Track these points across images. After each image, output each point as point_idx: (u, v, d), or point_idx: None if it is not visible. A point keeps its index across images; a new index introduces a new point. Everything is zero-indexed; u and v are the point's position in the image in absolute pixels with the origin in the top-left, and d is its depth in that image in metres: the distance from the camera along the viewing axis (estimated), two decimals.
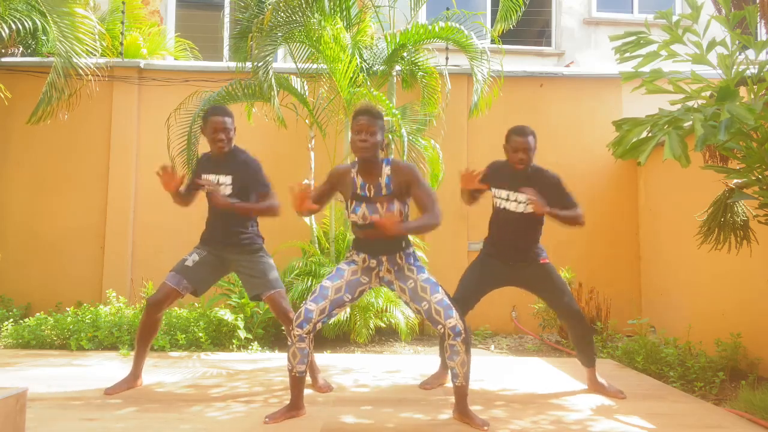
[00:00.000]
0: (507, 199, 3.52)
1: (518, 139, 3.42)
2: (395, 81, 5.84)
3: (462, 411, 2.93)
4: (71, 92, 5.29)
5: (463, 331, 2.78)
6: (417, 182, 2.89)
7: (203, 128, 3.51)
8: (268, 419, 2.87)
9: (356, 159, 2.95)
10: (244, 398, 3.38)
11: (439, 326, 2.78)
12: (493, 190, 3.58)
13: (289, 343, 2.86)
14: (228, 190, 3.48)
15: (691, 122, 2.44)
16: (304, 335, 2.78)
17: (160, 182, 3.40)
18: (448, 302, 2.82)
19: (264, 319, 5.09)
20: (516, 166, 3.44)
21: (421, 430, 2.88)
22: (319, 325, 2.81)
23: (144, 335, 3.51)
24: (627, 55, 2.82)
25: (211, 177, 3.50)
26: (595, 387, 3.66)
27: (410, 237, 3.04)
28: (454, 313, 2.78)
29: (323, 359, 4.68)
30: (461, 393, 2.91)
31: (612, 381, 4.01)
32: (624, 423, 3.04)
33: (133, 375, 3.54)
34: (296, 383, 2.93)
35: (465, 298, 3.47)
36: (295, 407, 2.96)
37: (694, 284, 5.04)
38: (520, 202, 3.47)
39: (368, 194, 2.91)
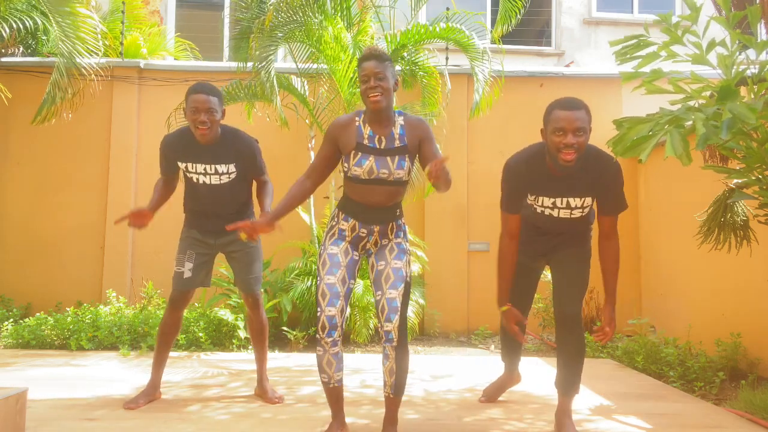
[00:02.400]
0: (554, 207, 2.70)
1: (566, 115, 2.45)
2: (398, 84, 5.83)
3: (386, 421, 2.65)
4: (74, 92, 5.29)
5: (395, 339, 2.49)
6: (431, 139, 2.59)
7: (185, 109, 3.05)
8: None
9: (365, 109, 2.62)
10: (244, 398, 3.38)
11: (380, 325, 2.55)
12: (531, 197, 2.72)
13: (319, 351, 2.53)
14: (226, 179, 3.14)
15: (691, 122, 2.44)
16: (337, 339, 2.52)
17: (128, 225, 3.08)
18: (398, 305, 2.51)
19: None
20: (562, 158, 2.47)
21: (421, 430, 2.87)
22: (344, 324, 2.59)
23: (165, 334, 3.25)
24: (627, 57, 2.82)
25: (207, 167, 3.09)
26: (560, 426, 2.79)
27: (402, 207, 2.73)
28: (395, 319, 2.49)
29: None
30: (389, 403, 2.62)
31: (612, 381, 4.01)
32: (623, 423, 3.04)
33: (153, 385, 3.27)
34: (335, 395, 2.62)
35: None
36: (339, 422, 2.66)
37: (694, 284, 5.03)
38: (575, 208, 2.67)
39: (378, 146, 2.55)
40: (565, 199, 2.65)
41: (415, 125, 2.61)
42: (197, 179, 3.14)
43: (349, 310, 2.69)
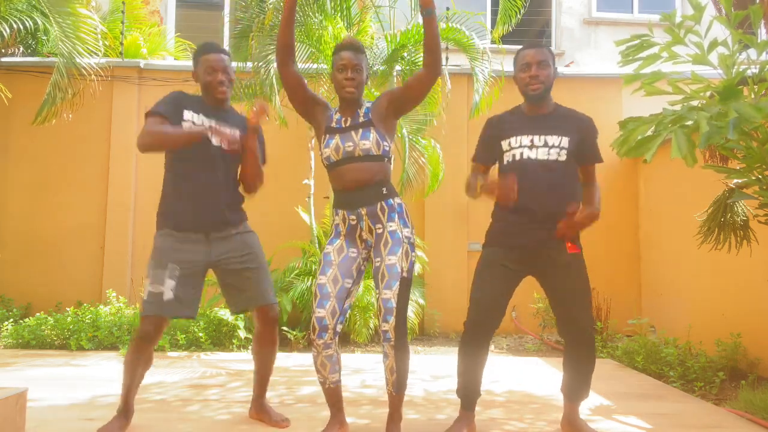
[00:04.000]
0: (532, 146, 2.64)
1: (529, 52, 2.67)
2: (395, 81, 5.84)
3: (389, 420, 2.64)
4: (74, 92, 5.29)
5: (393, 339, 2.46)
6: (392, 91, 2.66)
7: (195, 71, 2.75)
8: None
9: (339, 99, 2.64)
10: (244, 398, 3.37)
11: (379, 323, 2.51)
12: (507, 142, 2.69)
13: (313, 353, 2.56)
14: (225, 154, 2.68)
15: (692, 122, 2.44)
16: (329, 342, 2.52)
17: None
18: (393, 305, 2.45)
19: None
20: (530, 89, 2.65)
21: (421, 430, 2.87)
22: (339, 327, 2.54)
23: (135, 368, 2.68)
24: (630, 58, 2.82)
25: (214, 123, 2.66)
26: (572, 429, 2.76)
27: (393, 188, 2.62)
28: (392, 320, 2.45)
29: None
30: (391, 401, 2.61)
31: (612, 381, 4.01)
32: (624, 423, 3.04)
33: (126, 413, 2.71)
34: (333, 395, 2.63)
35: (483, 321, 2.69)
36: (338, 422, 2.64)
37: (694, 284, 5.03)
38: (553, 147, 2.63)
39: (343, 125, 2.61)
40: (542, 137, 2.65)
41: (377, 101, 2.66)
42: (203, 154, 2.66)
43: (348, 309, 2.63)
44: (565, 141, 2.65)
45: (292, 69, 2.63)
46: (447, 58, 6.29)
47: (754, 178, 3.00)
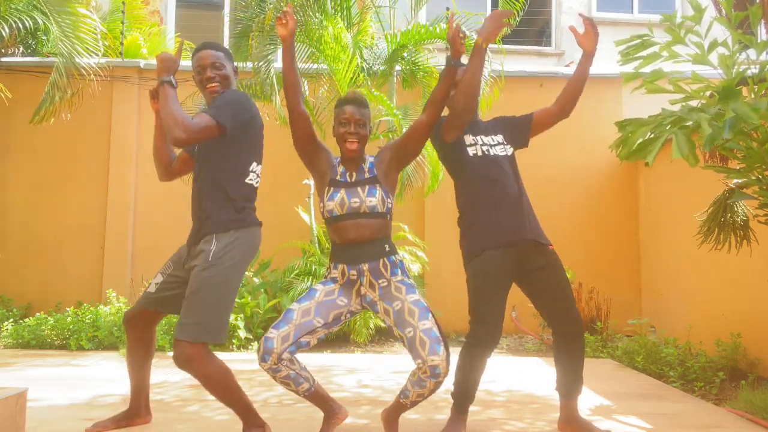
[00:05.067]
0: (493, 144, 2.76)
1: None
2: (396, 81, 5.84)
3: (387, 418, 2.61)
4: (74, 92, 5.29)
5: (442, 375, 2.32)
6: (393, 143, 2.65)
7: (194, 74, 2.59)
8: None
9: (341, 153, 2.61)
10: None
11: (419, 360, 2.31)
12: (471, 137, 2.74)
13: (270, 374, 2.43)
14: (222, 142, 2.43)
15: (692, 122, 2.44)
16: (275, 366, 2.36)
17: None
18: (438, 335, 2.35)
19: (264, 319, 5.10)
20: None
21: (421, 430, 2.87)
22: (286, 355, 2.36)
23: (129, 354, 2.72)
24: (630, 57, 2.82)
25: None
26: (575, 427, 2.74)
27: (394, 245, 2.62)
28: (442, 351, 2.31)
29: (323, 359, 4.68)
30: (399, 406, 2.54)
31: (612, 381, 4.01)
32: (623, 423, 3.04)
33: (132, 411, 2.75)
34: (314, 399, 2.56)
35: (488, 338, 2.64)
36: (332, 414, 2.62)
37: (694, 284, 5.03)
38: (502, 144, 2.78)
39: (348, 180, 2.57)
40: (491, 136, 2.78)
41: (379, 155, 2.64)
42: (195, 162, 2.62)
43: (305, 345, 2.45)
44: (500, 137, 2.81)
45: (304, 109, 2.58)
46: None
47: (754, 178, 3.00)
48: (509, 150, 2.80)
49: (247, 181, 2.51)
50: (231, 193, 2.45)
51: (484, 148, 2.74)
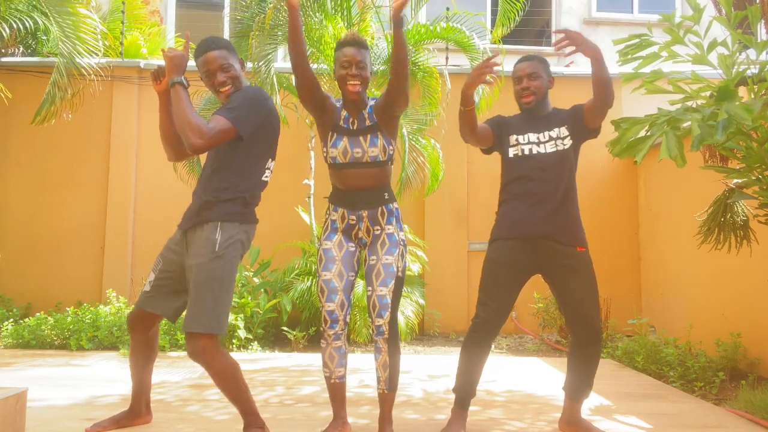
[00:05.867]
0: (539, 142, 2.74)
1: (520, 65, 2.82)
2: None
3: (381, 421, 2.61)
4: (74, 92, 5.30)
5: (386, 332, 2.52)
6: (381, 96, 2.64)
7: (202, 77, 2.55)
8: None
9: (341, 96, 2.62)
10: None
11: (370, 319, 2.57)
12: (515, 137, 2.78)
13: (323, 344, 2.63)
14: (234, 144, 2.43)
15: (689, 122, 2.44)
16: (340, 332, 2.60)
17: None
18: (388, 301, 2.51)
19: (264, 319, 5.10)
20: (523, 101, 2.78)
21: (421, 430, 2.87)
22: (348, 318, 2.63)
23: (133, 355, 2.71)
24: (629, 57, 2.82)
25: None
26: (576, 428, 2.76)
27: (392, 192, 2.68)
28: (386, 315, 2.51)
29: None
30: (383, 400, 2.61)
31: (612, 381, 4.01)
32: (623, 423, 3.04)
33: (133, 411, 2.75)
34: (337, 391, 2.64)
35: (492, 320, 2.72)
36: (340, 421, 2.62)
37: (694, 284, 5.03)
38: (558, 138, 2.72)
39: (351, 127, 2.60)
40: (545, 133, 2.75)
41: (378, 103, 2.63)
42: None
43: (351, 300, 2.65)
44: (563, 130, 2.74)
45: (311, 72, 2.55)
46: (447, 58, 6.30)
47: (754, 178, 3.00)
48: (565, 144, 2.72)
49: (262, 179, 2.56)
50: (242, 188, 2.46)
51: (527, 147, 2.75)
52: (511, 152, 2.77)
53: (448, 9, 5.88)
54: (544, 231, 2.64)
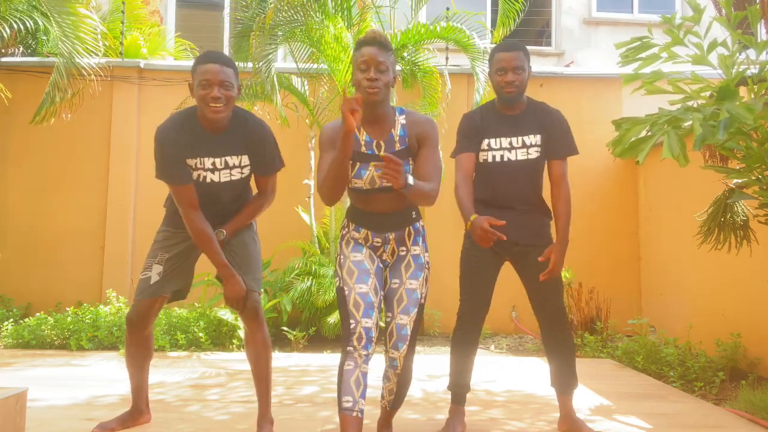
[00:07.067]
0: (511, 148, 2.70)
1: (505, 56, 2.70)
2: (396, 81, 5.85)
3: (378, 426, 2.58)
4: (74, 92, 5.29)
5: (399, 368, 2.33)
6: (433, 143, 2.32)
7: (191, 84, 2.44)
8: None
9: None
10: (244, 398, 3.38)
11: (385, 348, 2.35)
12: (487, 142, 2.74)
13: (349, 367, 2.18)
14: (238, 175, 2.56)
15: (690, 122, 2.45)
16: (371, 355, 2.23)
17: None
18: (408, 333, 2.31)
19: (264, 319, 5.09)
20: (504, 92, 2.70)
21: (421, 431, 2.87)
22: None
23: (133, 356, 2.74)
24: (630, 59, 2.83)
25: (217, 161, 2.51)
26: (570, 425, 2.79)
27: (419, 209, 2.46)
28: (403, 349, 2.30)
29: (324, 359, 4.68)
30: (382, 410, 2.56)
31: (612, 381, 4.01)
32: (623, 423, 3.04)
33: (136, 410, 2.79)
34: (357, 427, 2.17)
35: (476, 311, 2.83)
36: None
37: (694, 284, 5.03)
38: (531, 146, 2.69)
39: (377, 152, 2.27)
40: (520, 138, 2.72)
41: (420, 122, 2.34)
42: (203, 177, 2.54)
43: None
44: (538, 138, 2.73)
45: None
46: (447, 58, 6.29)
47: (754, 178, 3.00)
48: (538, 153, 2.72)
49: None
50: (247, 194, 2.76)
51: (499, 153, 2.73)
52: (481, 157, 2.76)
53: (448, 9, 5.88)
54: (511, 237, 2.62)
